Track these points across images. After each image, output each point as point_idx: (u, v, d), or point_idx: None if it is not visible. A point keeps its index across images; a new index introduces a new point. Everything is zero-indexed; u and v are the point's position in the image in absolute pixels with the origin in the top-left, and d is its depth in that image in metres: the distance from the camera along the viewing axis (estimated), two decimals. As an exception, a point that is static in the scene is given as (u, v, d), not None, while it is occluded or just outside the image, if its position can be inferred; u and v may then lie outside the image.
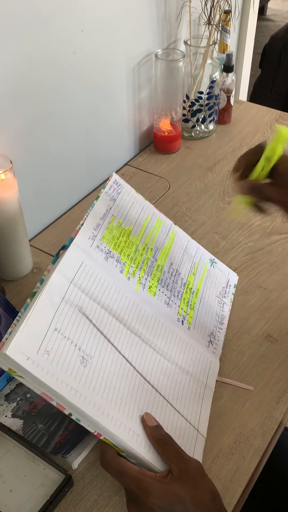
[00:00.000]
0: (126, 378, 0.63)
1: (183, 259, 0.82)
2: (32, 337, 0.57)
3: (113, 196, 0.79)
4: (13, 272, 0.90)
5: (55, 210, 1.04)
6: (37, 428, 0.67)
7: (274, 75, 2.24)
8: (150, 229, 0.81)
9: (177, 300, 0.77)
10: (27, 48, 0.82)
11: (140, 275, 0.75)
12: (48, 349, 0.57)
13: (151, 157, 1.19)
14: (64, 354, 0.58)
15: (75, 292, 0.65)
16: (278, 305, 0.86)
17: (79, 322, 0.63)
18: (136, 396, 0.63)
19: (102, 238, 0.73)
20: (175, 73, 1.09)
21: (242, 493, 0.65)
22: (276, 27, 3.28)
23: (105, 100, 1.05)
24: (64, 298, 0.63)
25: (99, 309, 0.66)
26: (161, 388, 0.66)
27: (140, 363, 0.66)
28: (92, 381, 0.59)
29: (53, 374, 0.56)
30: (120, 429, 0.58)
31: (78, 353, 0.60)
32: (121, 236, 0.76)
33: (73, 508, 0.64)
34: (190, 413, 0.67)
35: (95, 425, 0.57)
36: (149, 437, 0.60)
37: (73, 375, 0.57)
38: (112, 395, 0.60)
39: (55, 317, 0.60)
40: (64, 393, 0.55)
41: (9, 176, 0.78)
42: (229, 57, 1.19)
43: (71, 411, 0.57)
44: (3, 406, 0.70)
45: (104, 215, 0.76)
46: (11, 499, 0.63)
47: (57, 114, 0.94)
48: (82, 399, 0.57)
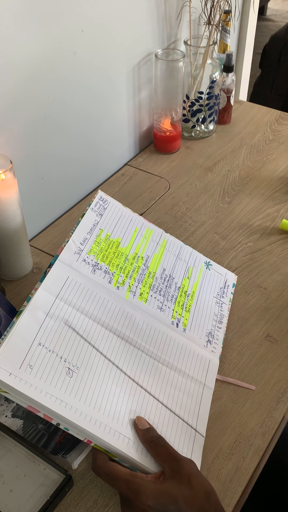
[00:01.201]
0: (116, 384, 0.64)
1: (176, 264, 0.83)
2: (15, 353, 0.58)
3: (100, 212, 0.80)
4: (13, 272, 0.90)
5: (55, 210, 1.04)
6: (37, 428, 0.67)
7: (274, 75, 2.24)
8: (140, 239, 0.82)
9: (170, 304, 0.78)
10: (27, 48, 0.82)
11: (130, 283, 0.75)
12: (31, 363, 0.59)
13: (151, 157, 1.19)
14: (49, 367, 0.60)
15: (60, 306, 0.66)
16: (278, 305, 0.86)
17: (65, 335, 0.64)
18: (128, 401, 0.63)
19: (89, 252, 0.74)
20: (175, 73, 1.09)
21: (242, 493, 0.65)
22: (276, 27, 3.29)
23: (105, 100, 1.05)
24: (49, 313, 0.65)
25: (86, 320, 0.67)
26: (155, 390, 0.67)
27: (132, 368, 0.67)
28: (78, 390, 0.60)
29: (36, 387, 0.57)
30: (109, 434, 0.58)
31: (64, 365, 0.61)
32: (109, 248, 0.77)
33: (73, 508, 0.64)
34: (188, 413, 0.67)
35: (83, 433, 0.58)
36: (141, 440, 0.60)
37: (58, 387, 0.59)
38: (101, 402, 0.61)
39: (39, 333, 0.62)
40: (49, 405, 0.57)
41: (9, 176, 0.78)
42: (229, 57, 1.19)
43: (58, 421, 0.58)
44: (3, 406, 0.70)
45: (91, 229, 0.77)
46: (11, 499, 0.63)
47: (57, 114, 0.94)
48: (68, 408, 0.58)
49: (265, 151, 1.20)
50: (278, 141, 1.23)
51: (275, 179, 1.12)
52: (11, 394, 0.56)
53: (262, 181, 1.12)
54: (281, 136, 1.24)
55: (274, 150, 1.20)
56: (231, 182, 1.11)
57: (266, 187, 1.10)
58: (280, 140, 1.23)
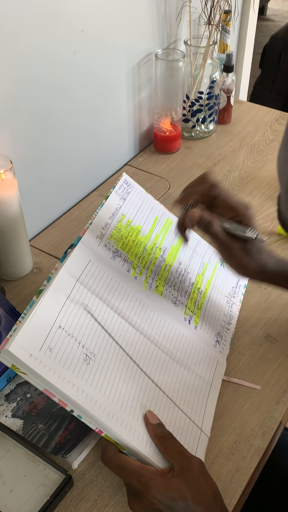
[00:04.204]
0: (129, 376, 0.63)
1: (192, 259, 0.82)
2: (36, 334, 0.57)
3: (123, 196, 0.79)
4: (13, 272, 0.90)
5: (55, 210, 1.04)
6: (37, 428, 0.67)
7: (274, 75, 2.24)
8: (159, 229, 0.81)
9: (184, 300, 0.77)
10: (27, 48, 0.82)
11: (148, 275, 0.75)
12: (51, 346, 0.57)
13: (151, 157, 1.19)
14: (67, 352, 0.59)
15: (81, 290, 0.65)
16: (278, 305, 0.86)
17: (83, 320, 0.63)
18: (139, 394, 0.63)
19: (110, 237, 0.74)
20: (175, 73, 1.09)
21: (242, 493, 0.65)
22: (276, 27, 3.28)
23: (105, 100, 1.05)
24: (70, 296, 0.64)
25: (104, 307, 0.67)
26: (165, 386, 0.66)
27: (145, 361, 0.66)
28: (94, 378, 0.59)
29: (55, 371, 0.56)
30: (121, 426, 0.58)
31: (82, 351, 0.60)
32: (129, 235, 0.76)
33: (73, 508, 0.63)
34: (194, 412, 0.67)
35: (96, 422, 0.58)
36: (150, 435, 0.60)
37: (75, 373, 0.58)
38: (114, 393, 0.60)
39: (59, 315, 0.61)
40: (66, 390, 0.56)
41: (9, 176, 0.78)
42: (229, 57, 1.19)
43: (72, 407, 0.57)
44: (3, 406, 0.70)
45: (113, 214, 0.76)
46: (11, 499, 0.63)
47: (57, 114, 0.94)
48: (84, 396, 0.57)
49: (265, 151, 1.20)
50: (278, 141, 1.23)
51: (275, 179, 1.12)
52: (28, 376, 0.56)
53: (262, 181, 1.12)
54: (281, 136, 1.24)
55: (274, 150, 1.20)
56: (231, 182, 1.11)
57: (266, 187, 1.10)
58: (280, 140, 1.23)
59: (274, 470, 0.84)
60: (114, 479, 0.66)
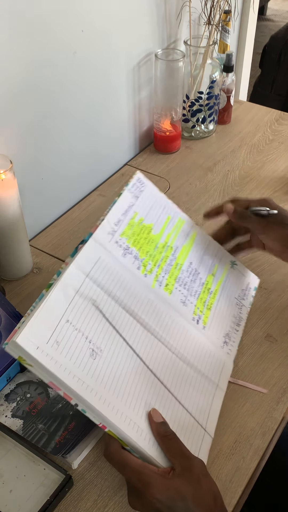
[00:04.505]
0: (135, 373, 0.63)
1: (203, 259, 0.82)
2: (44, 327, 0.58)
3: (136, 194, 0.78)
4: (13, 272, 0.90)
5: (55, 210, 1.04)
6: (37, 428, 0.67)
7: (274, 75, 2.24)
8: (171, 228, 0.80)
9: (193, 299, 0.77)
10: (27, 48, 0.82)
11: (158, 273, 0.75)
12: (58, 340, 0.58)
13: (151, 157, 1.19)
14: (74, 346, 0.59)
15: (90, 286, 0.66)
16: (278, 305, 0.86)
17: (91, 316, 0.64)
18: (145, 391, 0.63)
19: (122, 234, 0.74)
20: (175, 73, 1.09)
21: (242, 493, 0.65)
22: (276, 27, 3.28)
23: (105, 100, 1.05)
24: (79, 291, 0.64)
25: (113, 304, 0.67)
26: (171, 385, 0.66)
27: (151, 359, 0.66)
28: (100, 374, 0.60)
29: (61, 365, 0.57)
30: (125, 423, 0.58)
31: (89, 346, 0.61)
32: (141, 233, 0.76)
33: (73, 508, 0.64)
34: (199, 412, 0.67)
35: (100, 417, 0.58)
36: (154, 433, 0.60)
37: (81, 367, 0.58)
38: (119, 389, 0.60)
39: (68, 309, 0.62)
40: (71, 384, 0.56)
41: (9, 176, 0.78)
42: (229, 57, 1.19)
43: (77, 402, 0.57)
44: (3, 406, 0.70)
45: (126, 211, 0.76)
46: (11, 499, 0.63)
47: (57, 114, 0.94)
48: (89, 390, 0.57)
49: (265, 151, 1.20)
50: (278, 141, 1.23)
51: (275, 179, 1.12)
52: (35, 368, 0.56)
53: (262, 181, 1.12)
54: (281, 136, 1.24)
55: (274, 150, 1.20)
56: (231, 182, 1.11)
57: (266, 187, 1.10)
58: (280, 140, 1.23)
59: (274, 470, 0.84)
60: (114, 479, 0.66)
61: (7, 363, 0.71)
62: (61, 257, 0.95)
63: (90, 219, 1.03)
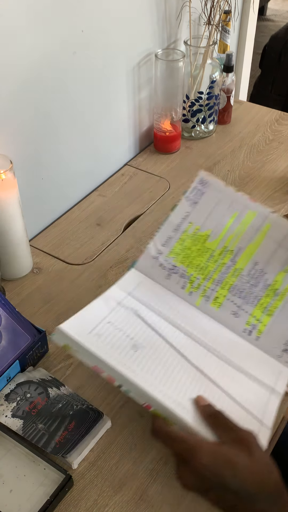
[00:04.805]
0: (179, 370, 0.64)
1: (275, 254, 0.74)
2: (85, 322, 0.63)
3: (195, 199, 0.76)
4: (13, 272, 0.90)
5: (55, 210, 1.04)
6: (37, 428, 0.67)
7: (274, 75, 2.24)
8: (235, 228, 0.75)
9: (249, 308, 0.72)
10: (27, 48, 0.82)
11: (206, 287, 0.73)
12: (100, 333, 0.62)
13: (151, 157, 1.19)
14: (116, 339, 0.63)
15: (132, 300, 0.70)
16: (278, 305, 0.86)
17: (133, 321, 0.67)
18: (190, 386, 0.62)
19: (169, 253, 0.74)
20: (175, 73, 1.09)
21: (242, 493, 0.65)
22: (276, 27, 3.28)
23: (105, 100, 1.05)
24: (121, 303, 0.68)
25: (154, 316, 0.69)
26: (220, 382, 0.64)
27: (197, 360, 0.66)
28: (142, 362, 0.62)
29: (105, 349, 0.60)
30: (169, 400, 0.59)
31: (130, 342, 0.64)
32: (193, 245, 0.75)
33: (73, 508, 0.64)
34: (253, 407, 0.63)
35: (145, 396, 0.58)
36: (201, 415, 0.58)
37: (123, 354, 0.61)
38: (162, 377, 0.61)
39: (109, 315, 0.66)
40: (115, 366, 0.59)
41: (9, 176, 0.78)
42: (229, 57, 1.19)
43: (121, 382, 0.59)
44: (3, 406, 0.70)
45: (178, 225, 0.76)
46: (11, 499, 0.63)
47: (57, 114, 0.94)
48: (132, 371, 0.60)
49: (265, 151, 1.20)
50: (278, 141, 1.23)
51: (275, 179, 1.12)
52: (79, 353, 0.60)
53: (262, 181, 1.12)
54: (281, 136, 1.24)
55: (274, 150, 1.20)
56: (231, 182, 1.11)
57: (266, 187, 1.10)
58: (280, 140, 1.23)
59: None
60: (114, 479, 0.66)
61: (7, 363, 0.71)
62: (61, 257, 0.95)
63: (90, 219, 1.03)
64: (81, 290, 0.89)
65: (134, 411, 0.72)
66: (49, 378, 0.73)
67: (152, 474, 0.66)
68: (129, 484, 0.65)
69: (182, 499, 0.64)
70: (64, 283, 0.90)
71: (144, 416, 0.71)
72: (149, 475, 0.66)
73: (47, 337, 0.77)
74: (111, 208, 1.06)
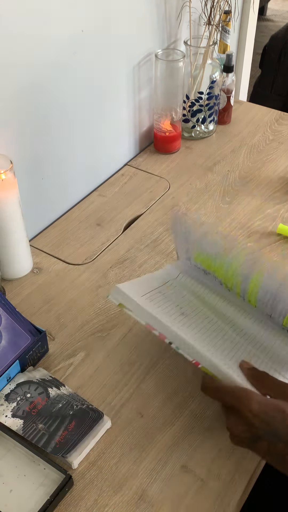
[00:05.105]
0: (227, 339, 0.66)
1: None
2: (140, 288, 0.68)
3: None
4: (13, 272, 0.90)
5: (55, 210, 1.04)
6: (37, 428, 0.67)
7: (274, 75, 2.23)
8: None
9: (280, 318, 0.68)
10: (27, 48, 0.82)
11: (237, 291, 0.72)
12: (152, 298, 0.67)
13: (151, 157, 1.19)
14: (165, 305, 0.66)
15: (185, 277, 0.74)
16: (278, 305, 0.86)
17: (183, 295, 0.70)
18: (237, 351, 0.65)
19: (195, 259, 0.75)
20: (175, 73, 1.09)
21: (242, 493, 0.65)
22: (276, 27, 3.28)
23: (105, 100, 1.05)
24: (176, 278, 0.74)
25: (203, 289, 0.73)
26: (269, 354, 0.66)
27: (246, 334, 0.69)
28: (192, 326, 0.65)
29: (156, 310, 0.65)
30: (217, 358, 0.61)
31: (179, 310, 0.67)
32: (208, 260, 0.76)
33: (73, 508, 0.64)
34: None
35: (195, 353, 0.61)
36: (247, 377, 0.60)
37: (172, 318, 0.64)
38: (213, 342, 0.64)
39: (162, 286, 0.71)
40: (168, 323, 0.62)
41: (9, 176, 0.79)
42: (229, 57, 1.19)
43: (172, 340, 0.62)
44: (3, 406, 0.70)
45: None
46: (11, 499, 0.63)
47: (57, 114, 0.94)
48: (183, 330, 0.63)
49: (265, 151, 1.20)
50: (278, 141, 1.23)
51: (275, 179, 1.12)
52: (133, 312, 0.65)
53: (262, 181, 1.12)
54: (281, 136, 1.24)
55: (274, 150, 1.20)
56: (231, 182, 1.11)
57: (266, 187, 1.10)
58: (280, 140, 1.23)
59: (274, 470, 0.84)
60: (114, 479, 0.66)
61: (7, 363, 0.71)
62: (61, 257, 0.95)
63: (90, 219, 1.03)
64: (81, 290, 0.89)
65: (134, 411, 0.72)
66: (49, 378, 0.73)
67: (152, 474, 0.66)
68: (129, 484, 0.65)
69: (182, 499, 0.64)
70: (64, 283, 0.90)
71: (144, 416, 0.71)
72: (149, 475, 0.66)
73: (47, 337, 0.77)
74: (111, 208, 1.06)
